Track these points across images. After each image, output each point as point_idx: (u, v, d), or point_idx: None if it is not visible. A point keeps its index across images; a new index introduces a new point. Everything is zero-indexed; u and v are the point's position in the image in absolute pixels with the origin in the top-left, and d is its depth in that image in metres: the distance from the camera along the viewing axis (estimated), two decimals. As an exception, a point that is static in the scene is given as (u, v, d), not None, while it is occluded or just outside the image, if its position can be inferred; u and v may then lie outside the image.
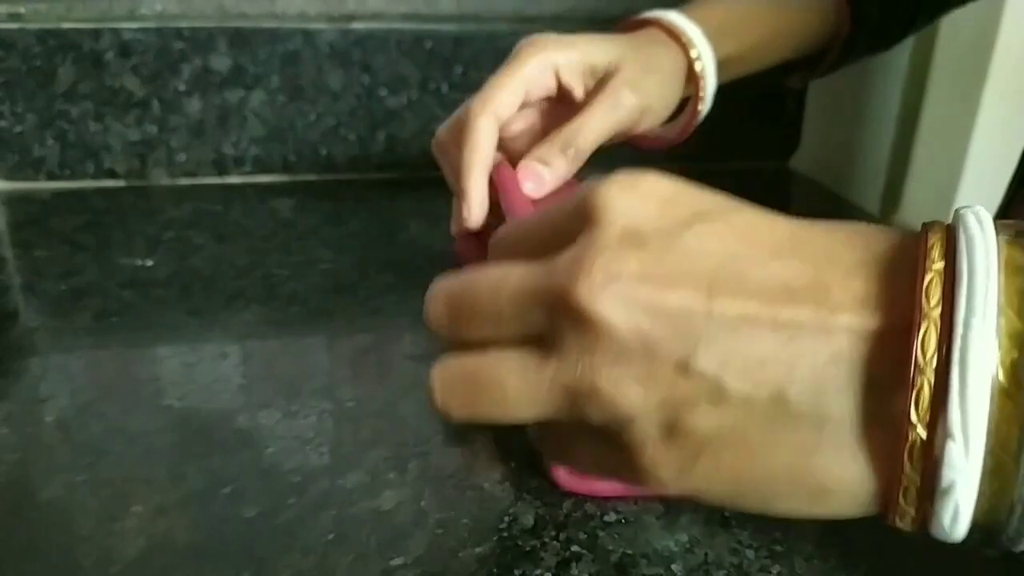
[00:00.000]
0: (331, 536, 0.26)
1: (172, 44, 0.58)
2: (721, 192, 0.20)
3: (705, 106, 0.44)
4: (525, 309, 0.19)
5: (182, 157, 0.61)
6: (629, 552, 0.26)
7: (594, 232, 0.19)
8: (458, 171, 0.38)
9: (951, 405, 0.16)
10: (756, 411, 0.18)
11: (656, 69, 0.41)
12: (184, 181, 0.61)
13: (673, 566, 0.25)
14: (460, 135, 0.37)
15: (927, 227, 0.18)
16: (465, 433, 0.31)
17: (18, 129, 0.58)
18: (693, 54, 0.42)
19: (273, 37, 0.59)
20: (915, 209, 0.63)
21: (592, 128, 0.38)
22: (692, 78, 0.43)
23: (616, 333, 0.18)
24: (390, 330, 0.39)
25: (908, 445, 0.16)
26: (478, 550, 0.25)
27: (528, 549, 0.26)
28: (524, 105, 0.39)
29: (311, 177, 0.63)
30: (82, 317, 0.40)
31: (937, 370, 0.16)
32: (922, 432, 0.16)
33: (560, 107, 0.40)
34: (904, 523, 0.18)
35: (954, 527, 0.17)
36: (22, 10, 0.56)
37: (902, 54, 0.60)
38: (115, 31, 0.57)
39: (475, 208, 0.37)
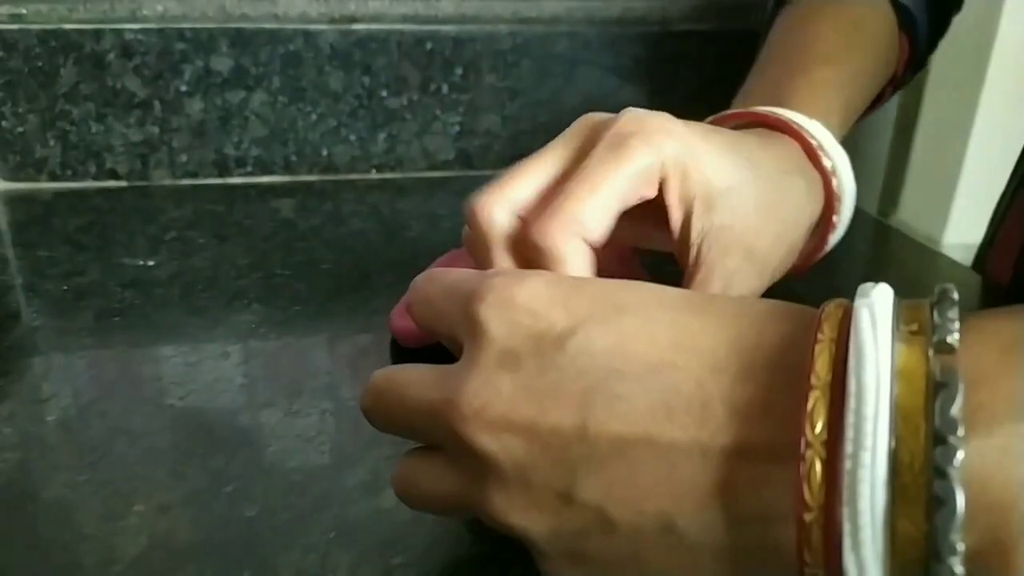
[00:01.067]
0: (332, 535, 0.26)
1: (174, 45, 0.58)
2: (612, 280, 0.20)
3: (838, 235, 0.34)
4: (426, 423, 0.20)
5: (183, 158, 0.61)
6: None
7: (472, 351, 0.19)
8: None
9: (845, 552, 0.14)
10: (648, 539, 0.17)
11: (785, 214, 0.29)
12: (186, 181, 0.62)
13: (672, 565, 0.25)
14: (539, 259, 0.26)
15: (820, 322, 0.17)
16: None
17: (20, 129, 0.58)
18: (835, 185, 0.32)
19: (274, 38, 0.59)
20: (913, 210, 0.63)
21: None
22: (827, 200, 0.32)
23: (494, 462, 0.18)
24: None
25: (809, 487, 0.15)
26: (478, 549, 0.26)
27: (528, 548, 0.26)
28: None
29: (312, 177, 0.63)
30: (84, 317, 0.40)
31: (826, 511, 0.15)
32: (819, 573, 0.15)
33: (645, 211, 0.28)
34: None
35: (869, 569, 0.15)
36: (24, 11, 0.56)
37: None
38: (117, 32, 0.57)
39: None
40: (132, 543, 0.25)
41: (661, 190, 0.27)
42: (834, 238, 0.34)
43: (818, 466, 0.15)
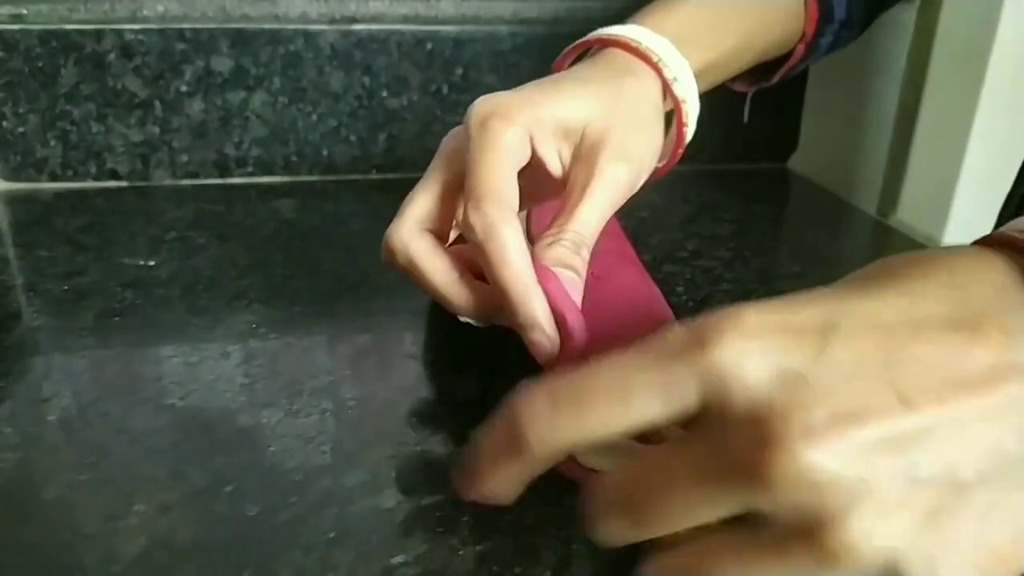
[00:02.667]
0: (332, 534, 0.26)
1: (174, 45, 0.58)
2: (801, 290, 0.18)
3: (690, 131, 0.38)
4: (715, 496, 0.17)
5: (184, 158, 0.61)
6: (629, 551, 0.26)
7: (751, 395, 0.16)
8: (505, 296, 0.29)
9: None
10: (995, 479, 0.16)
11: (640, 119, 0.33)
12: (186, 182, 0.62)
13: (672, 564, 0.25)
14: (484, 252, 0.29)
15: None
16: (466, 432, 0.31)
17: (20, 130, 0.58)
18: (668, 75, 0.35)
19: (275, 38, 0.59)
20: (912, 210, 0.63)
21: (596, 219, 0.31)
22: (671, 102, 0.36)
23: (847, 487, 0.15)
24: (391, 330, 0.40)
25: None
26: (479, 548, 0.26)
27: (528, 547, 0.26)
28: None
29: (312, 178, 0.63)
30: (84, 317, 0.40)
31: None
32: None
33: (531, 172, 0.32)
34: None
35: None
36: (24, 11, 0.56)
37: (899, 55, 0.60)
38: (117, 32, 0.57)
39: (551, 332, 0.29)
40: (132, 543, 0.25)
41: (534, 149, 0.31)
42: (688, 135, 0.37)
43: None
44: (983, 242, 0.20)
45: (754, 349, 0.16)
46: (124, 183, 0.61)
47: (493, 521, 0.27)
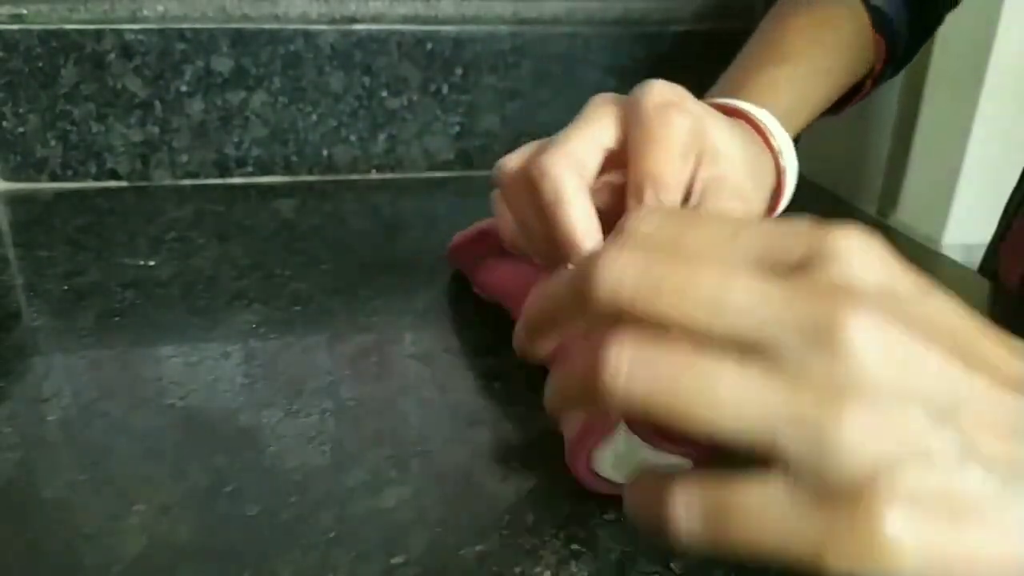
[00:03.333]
0: (332, 534, 0.26)
1: (174, 45, 0.58)
2: None
3: (786, 199, 0.39)
4: (762, 315, 0.17)
5: (184, 158, 0.61)
6: (628, 550, 0.26)
7: (841, 270, 0.17)
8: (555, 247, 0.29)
9: None
10: (993, 484, 0.16)
11: (758, 174, 0.35)
12: (186, 182, 0.62)
13: (672, 564, 0.25)
14: (555, 203, 0.29)
15: None
16: (465, 432, 0.31)
17: (21, 130, 0.58)
18: (775, 146, 0.37)
19: (275, 38, 0.59)
20: (912, 210, 0.63)
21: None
22: (776, 171, 0.37)
23: (877, 376, 0.16)
24: (391, 330, 0.40)
25: None
26: (478, 548, 0.26)
27: (528, 547, 0.26)
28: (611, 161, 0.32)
29: (312, 178, 0.63)
30: (84, 317, 0.40)
31: None
32: None
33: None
34: None
35: None
36: (24, 11, 0.56)
37: (901, 56, 0.60)
38: (117, 32, 0.57)
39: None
40: (132, 542, 0.25)
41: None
42: (782, 204, 0.39)
43: None
44: None
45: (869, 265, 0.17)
46: (124, 183, 0.61)
47: (493, 521, 0.27)
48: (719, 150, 0.32)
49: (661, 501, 0.17)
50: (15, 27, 0.56)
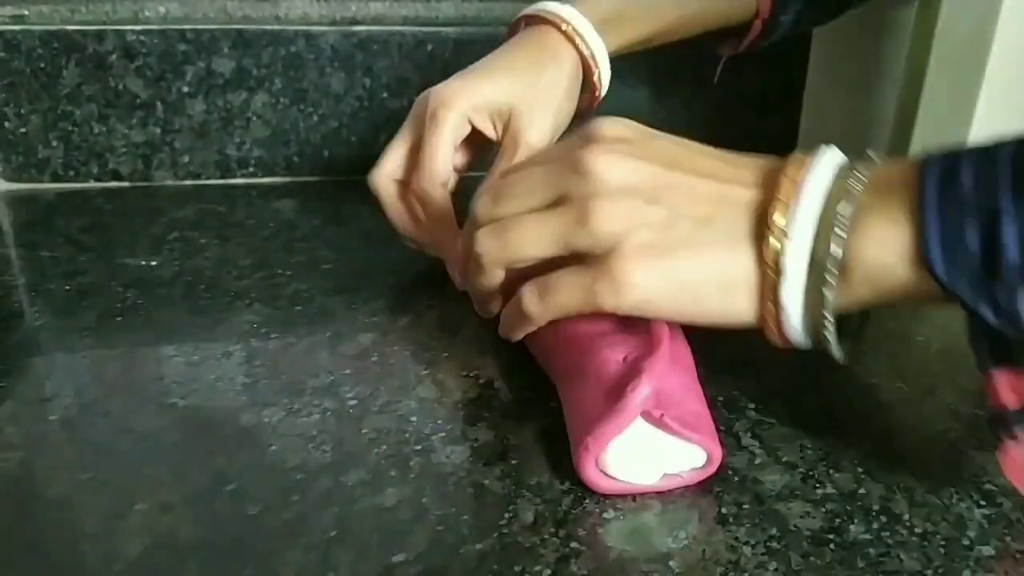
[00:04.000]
0: (333, 533, 0.26)
1: (176, 46, 0.58)
2: None
3: (602, 91, 0.47)
4: (547, 179, 0.29)
5: (185, 158, 0.61)
6: (628, 549, 0.26)
7: (595, 137, 0.29)
8: (439, 244, 0.43)
9: (791, 219, 0.26)
10: (699, 228, 0.28)
11: (553, 100, 0.43)
12: (188, 182, 0.62)
13: (671, 563, 0.25)
14: (426, 211, 0.43)
15: (800, 154, 0.28)
16: (465, 432, 0.31)
17: (22, 130, 0.58)
18: (586, 52, 0.44)
19: (276, 40, 0.59)
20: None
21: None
22: (586, 70, 0.45)
23: (608, 180, 0.28)
24: (392, 330, 0.40)
25: (770, 249, 0.26)
26: (479, 547, 0.26)
27: (528, 546, 0.26)
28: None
29: (313, 178, 0.64)
30: (86, 317, 0.41)
31: (789, 211, 0.26)
32: (777, 237, 0.26)
33: (477, 137, 0.43)
34: (769, 317, 0.28)
35: (791, 307, 0.27)
36: (26, 12, 0.56)
37: (898, 53, 0.60)
38: (119, 33, 0.57)
39: (452, 257, 0.43)
40: (134, 542, 0.26)
41: (476, 131, 0.42)
42: (601, 92, 0.47)
43: (783, 206, 0.27)
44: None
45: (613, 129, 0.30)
46: (126, 183, 0.61)
47: (493, 521, 0.27)
48: (498, 103, 0.42)
49: (517, 301, 0.31)
50: (17, 28, 0.56)
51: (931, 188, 0.24)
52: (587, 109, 0.47)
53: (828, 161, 0.27)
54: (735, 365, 0.37)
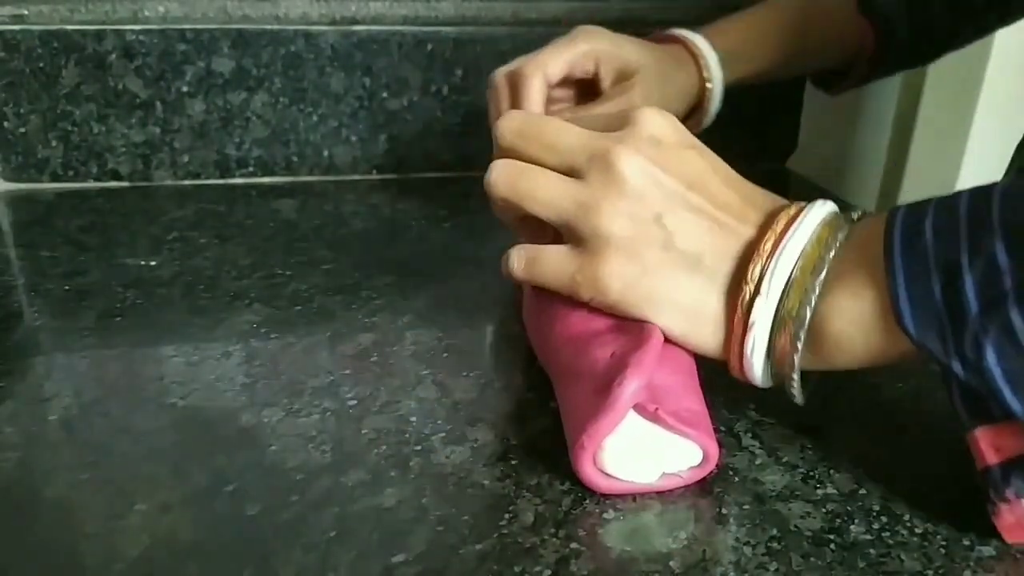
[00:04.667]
0: (333, 533, 0.26)
1: (175, 46, 0.58)
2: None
3: (708, 119, 0.52)
4: (578, 150, 0.30)
5: (185, 158, 0.61)
6: (628, 549, 0.26)
7: (633, 130, 0.30)
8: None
9: (766, 278, 0.28)
10: (686, 260, 0.29)
11: (670, 83, 0.48)
12: (187, 182, 0.62)
13: (671, 563, 0.25)
14: (515, 88, 0.45)
15: (779, 213, 0.29)
16: (465, 432, 0.31)
17: (22, 130, 0.58)
18: (706, 75, 0.50)
19: (276, 39, 0.59)
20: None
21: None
22: (701, 96, 0.50)
23: (628, 182, 0.29)
24: (391, 330, 0.40)
25: (743, 298, 0.28)
26: (479, 547, 0.26)
27: (528, 546, 0.26)
28: (565, 79, 0.47)
29: (313, 178, 0.64)
30: (86, 317, 0.41)
31: (764, 264, 0.28)
32: (750, 289, 0.28)
33: (587, 90, 0.48)
34: (733, 357, 0.29)
35: (755, 356, 0.28)
36: (26, 11, 0.56)
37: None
38: (118, 33, 0.57)
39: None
40: (134, 542, 0.26)
41: (598, 74, 0.47)
42: (706, 120, 0.52)
43: (767, 252, 0.28)
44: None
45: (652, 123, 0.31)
46: (125, 183, 0.61)
47: (493, 521, 0.27)
48: (629, 62, 0.47)
49: (507, 256, 0.33)
50: (16, 28, 0.56)
51: (898, 244, 0.25)
52: (692, 128, 0.50)
53: (813, 218, 0.28)
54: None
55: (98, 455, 0.30)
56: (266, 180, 0.63)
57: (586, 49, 0.46)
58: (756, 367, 0.29)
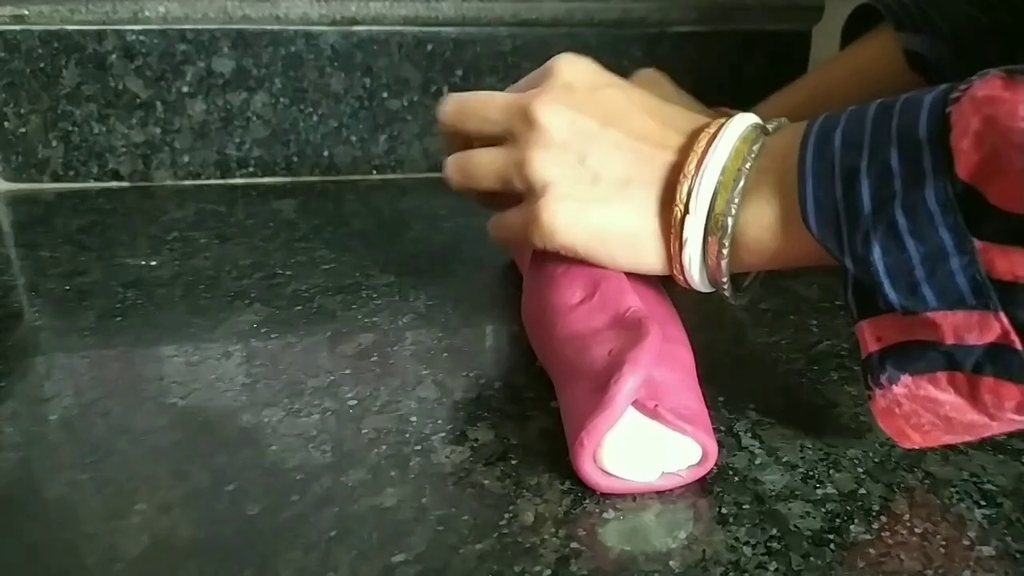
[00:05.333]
0: (333, 533, 0.26)
1: (176, 46, 0.58)
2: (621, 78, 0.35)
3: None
4: (503, 115, 0.34)
5: (185, 158, 0.61)
6: (628, 549, 0.26)
7: (549, 80, 0.33)
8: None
9: (693, 196, 0.30)
10: (617, 189, 0.32)
11: None
12: (188, 182, 0.62)
13: (671, 563, 0.25)
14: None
15: (716, 124, 0.31)
16: (466, 432, 0.31)
17: (22, 130, 0.58)
18: None
19: (276, 40, 0.59)
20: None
21: None
22: None
23: (548, 132, 0.32)
24: (391, 330, 0.40)
25: (675, 217, 0.31)
26: (478, 547, 0.26)
27: (528, 546, 0.26)
28: None
29: (313, 178, 0.64)
30: (86, 317, 0.41)
31: (691, 184, 0.30)
32: (680, 209, 0.30)
33: None
34: (675, 271, 0.32)
35: (692, 268, 0.31)
36: (26, 12, 0.56)
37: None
38: (119, 33, 0.57)
39: None
40: (134, 542, 0.26)
41: None
42: None
43: (693, 167, 0.30)
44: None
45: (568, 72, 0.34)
46: (126, 183, 0.61)
47: (493, 521, 0.27)
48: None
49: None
50: (17, 28, 0.56)
51: (810, 152, 0.28)
52: None
53: (732, 134, 0.30)
54: (735, 365, 0.37)
55: (98, 455, 0.30)
56: (266, 180, 0.63)
57: None
58: (695, 277, 0.32)
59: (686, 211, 0.30)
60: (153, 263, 0.47)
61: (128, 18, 0.58)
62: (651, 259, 0.32)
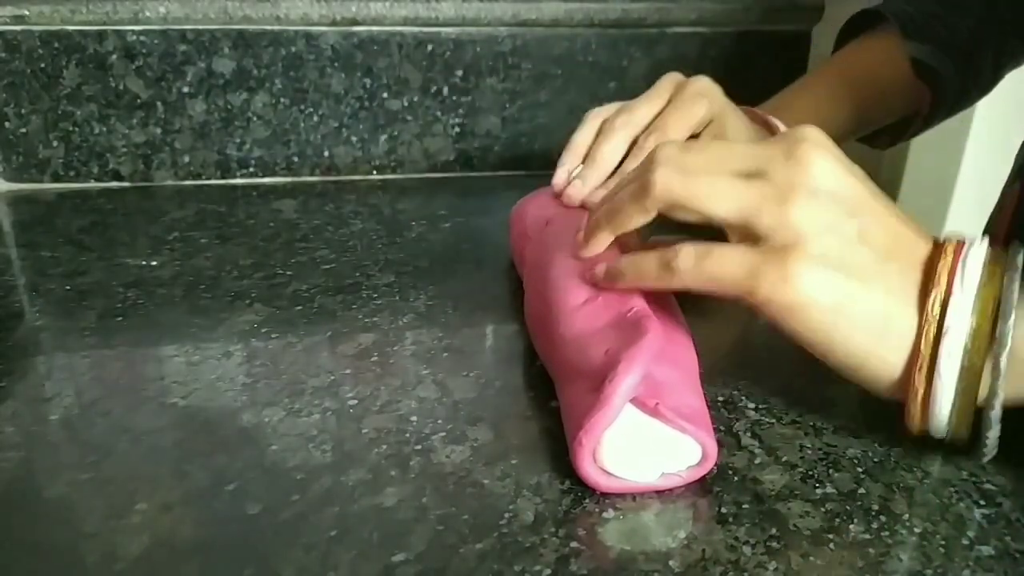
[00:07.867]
0: (333, 533, 0.26)
1: (176, 47, 0.58)
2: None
3: None
4: (752, 155, 0.29)
5: (186, 158, 0.61)
6: (627, 548, 0.26)
7: (806, 136, 0.29)
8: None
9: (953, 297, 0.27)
10: (877, 263, 0.28)
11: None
12: (188, 182, 0.62)
13: (671, 562, 0.25)
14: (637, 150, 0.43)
15: (956, 245, 0.28)
16: (466, 432, 0.32)
17: (23, 130, 0.59)
18: None
19: (276, 40, 0.59)
20: (909, 211, 0.64)
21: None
22: None
23: (818, 178, 0.28)
24: (392, 330, 0.40)
25: (926, 328, 0.27)
26: (479, 546, 0.26)
27: (528, 545, 0.26)
28: None
29: (314, 178, 0.64)
30: (87, 317, 0.41)
31: (952, 269, 0.28)
32: (934, 324, 0.27)
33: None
34: (917, 378, 0.28)
35: (945, 376, 0.27)
36: (27, 12, 0.56)
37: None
38: (119, 33, 0.57)
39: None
40: (134, 541, 0.26)
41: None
42: None
43: (941, 291, 0.27)
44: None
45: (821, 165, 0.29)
46: (126, 184, 0.61)
47: (493, 521, 0.27)
48: (729, 136, 0.43)
49: (665, 255, 0.30)
50: (17, 28, 0.56)
51: None
52: None
53: (979, 248, 0.28)
54: (735, 365, 0.37)
55: (99, 455, 0.30)
56: (267, 180, 0.63)
57: (704, 117, 0.43)
58: (945, 392, 0.27)
59: (948, 293, 0.27)
60: (154, 263, 0.47)
61: (129, 18, 0.58)
62: (891, 360, 0.28)
